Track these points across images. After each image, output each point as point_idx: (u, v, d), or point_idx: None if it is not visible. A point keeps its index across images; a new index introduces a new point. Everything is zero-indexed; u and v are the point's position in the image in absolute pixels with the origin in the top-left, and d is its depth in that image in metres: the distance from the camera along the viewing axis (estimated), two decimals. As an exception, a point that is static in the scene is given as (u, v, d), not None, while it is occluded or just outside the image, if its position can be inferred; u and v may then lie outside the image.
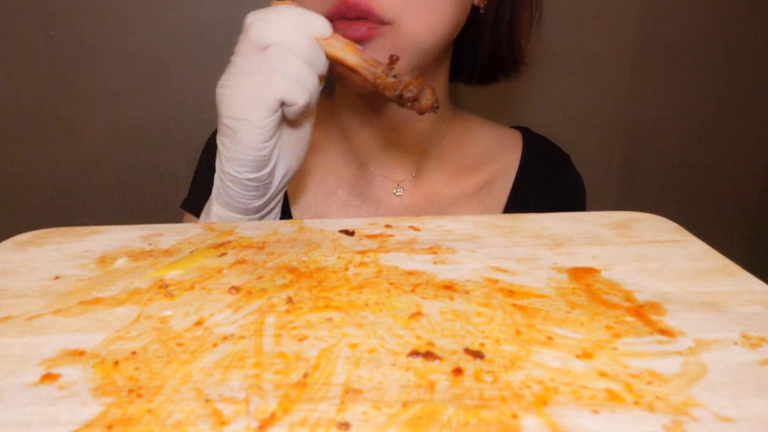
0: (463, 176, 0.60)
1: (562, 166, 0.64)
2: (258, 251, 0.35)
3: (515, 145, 0.63)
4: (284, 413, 0.21)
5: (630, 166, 0.87)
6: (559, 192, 0.62)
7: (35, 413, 0.21)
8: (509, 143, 0.63)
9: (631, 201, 0.89)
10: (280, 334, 0.26)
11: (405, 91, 0.39)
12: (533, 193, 0.61)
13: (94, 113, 0.76)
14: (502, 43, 0.57)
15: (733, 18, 0.82)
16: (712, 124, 0.87)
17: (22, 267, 0.33)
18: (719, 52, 0.83)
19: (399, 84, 0.39)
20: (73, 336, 0.26)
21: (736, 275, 0.31)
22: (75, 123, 0.76)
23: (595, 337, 0.26)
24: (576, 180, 0.64)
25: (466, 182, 0.60)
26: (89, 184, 0.79)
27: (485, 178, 0.61)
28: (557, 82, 0.81)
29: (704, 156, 0.88)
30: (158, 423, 0.20)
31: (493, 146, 0.62)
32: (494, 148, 0.62)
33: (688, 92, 0.85)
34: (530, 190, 0.61)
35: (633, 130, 0.86)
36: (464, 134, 0.61)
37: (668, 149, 0.88)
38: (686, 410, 0.21)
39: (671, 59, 0.82)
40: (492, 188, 0.61)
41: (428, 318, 0.27)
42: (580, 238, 0.36)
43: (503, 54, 0.58)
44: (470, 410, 0.21)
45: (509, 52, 0.58)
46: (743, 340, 0.25)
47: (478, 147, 0.62)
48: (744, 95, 0.86)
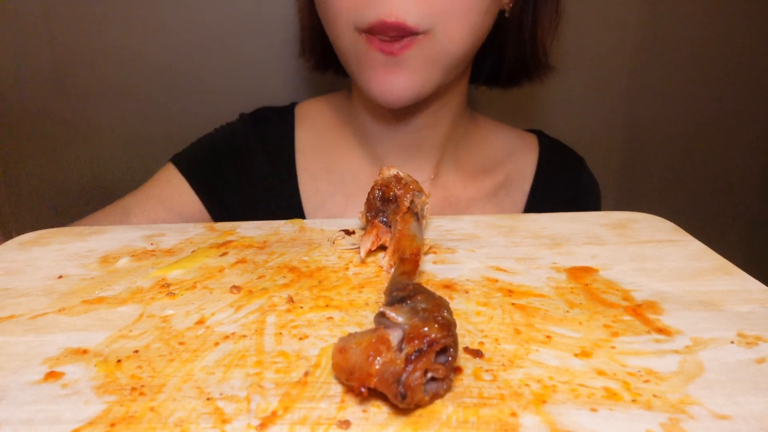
0: (479, 178, 0.60)
1: (578, 169, 0.64)
2: (259, 251, 0.35)
3: (531, 148, 0.63)
4: (285, 411, 0.21)
5: (628, 167, 0.88)
6: (575, 194, 0.63)
7: (39, 411, 0.21)
8: (525, 146, 0.63)
9: (630, 201, 0.89)
10: (280, 333, 0.26)
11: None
12: (550, 195, 0.61)
13: (98, 115, 0.76)
14: (526, 47, 0.57)
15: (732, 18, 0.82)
16: (710, 125, 0.87)
17: (26, 266, 0.34)
18: (718, 53, 0.83)
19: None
20: (77, 335, 0.26)
21: (732, 275, 0.31)
22: (79, 125, 0.76)
23: (593, 336, 0.26)
24: (592, 182, 0.65)
25: (482, 184, 0.60)
26: (93, 185, 0.79)
27: (501, 180, 0.61)
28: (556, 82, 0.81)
29: (702, 156, 0.89)
30: (160, 421, 0.21)
31: (509, 149, 0.62)
32: (510, 151, 0.62)
33: (687, 93, 0.85)
34: (547, 192, 0.61)
35: (631, 130, 0.86)
36: (480, 137, 0.61)
37: (666, 150, 0.88)
38: (683, 408, 0.21)
39: (670, 60, 0.83)
40: (509, 190, 0.61)
41: (428, 317, 0.27)
42: (578, 237, 0.37)
43: (527, 57, 0.58)
44: (469, 408, 0.21)
45: (533, 55, 0.57)
46: (740, 339, 0.25)
47: (494, 149, 0.62)
48: (743, 96, 0.86)
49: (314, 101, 0.63)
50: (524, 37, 0.56)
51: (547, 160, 0.62)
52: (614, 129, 0.86)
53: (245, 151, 0.59)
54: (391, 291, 0.25)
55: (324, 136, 0.60)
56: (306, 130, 0.60)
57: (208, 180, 0.58)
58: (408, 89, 0.47)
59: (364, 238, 0.35)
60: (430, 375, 0.21)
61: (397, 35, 0.44)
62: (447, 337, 0.21)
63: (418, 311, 0.22)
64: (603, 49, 0.81)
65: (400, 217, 0.33)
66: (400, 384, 0.20)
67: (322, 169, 0.59)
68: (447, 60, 0.47)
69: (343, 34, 0.48)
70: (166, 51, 0.74)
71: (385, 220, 0.35)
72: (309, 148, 0.59)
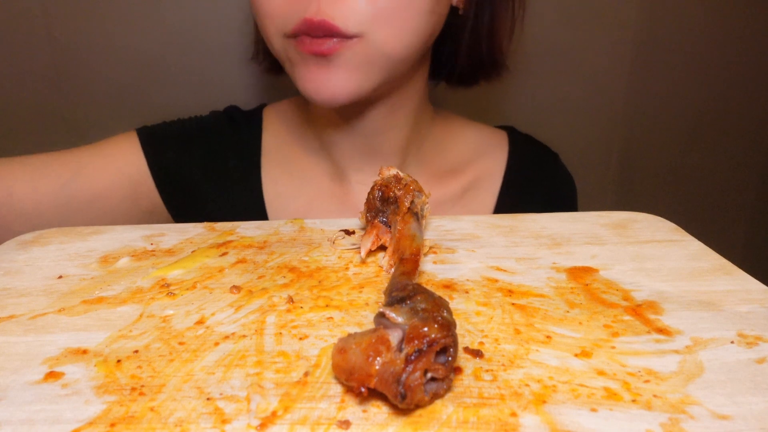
0: (445, 180, 0.58)
1: (551, 165, 0.62)
2: (259, 251, 0.35)
3: (501, 146, 0.61)
4: (285, 411, 0.21)
5: (628, 167, 0.88)
6: (548, 191, 0.61)
7: (39, 411, 0.21)
8: (494, 144, 0.61)
9: (629, 201, 0.89)
10: (280, 333, 0.26)
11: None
12: (522, 194, 0.59)
13: (97, 114, 0.76)
14: (481, 45, 0.55)
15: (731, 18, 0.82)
16: (709, 125, 0.87)
17: (26, 266, 0.34)
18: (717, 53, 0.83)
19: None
20: (77, 335, 0.26)
21: (732, 275, 0.31)
22: (78, 124, 0.76)
23: (593, 336, 0.26)
24: (565, 178, 0.63)
25: (449, 186, 0.58)
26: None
27: (469, 180, 0.59)
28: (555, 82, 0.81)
29: (702, 156, 0.89)
30: (160, 421, 0.21)
31: (477, 147, 0.61)
32: (478, 150, 0.61)
33: (686, 93, 0.85)
34: (519, 191, 0.60)
35: (631, 130, 0.86)
36: (446, 137, 0.60)
37: (666, 149, 0.88)
38: (683, 408, 0.21)
39: (669, 60, 0.83)
40: (478, 191, 0.59)
41: (428, 317, 0.27)
42: (578, 237, 0.37)
43: (483, 56, 0.56)
44: (469, 409, 0.21)
45: (489, 54, 0.56)
46: (739, 339, 0.25)
47: (460, 149, 0.60)
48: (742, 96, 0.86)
49: (281, 104, 0.62)
50: (480, 36, 0.55)
51: (518, 158, 0.61)
52: (614, 129, 0.86)
53: (216, 144, 0.58)
54: (390, 291, 0.25)
55: (286, 140, 0.59)
56: (271, 133, 0.59)
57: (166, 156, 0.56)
58: (343, 88, 0.45)
59: (364, 238, 0.35)
60: (430, 375, 0.21)
61: (323, 35, 0.43)
62: (447, 337, 0.21)
63: (418, 311, 0.22)
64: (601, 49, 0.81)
65: (400, 218, 0.33)
66: (400, 384, 0.20)
67: (283, 172, 0.58)
68: (384, 62, 0.46)
69: (273, 39, 0.47)
70: (165, 50, 0.74)
71: (385, 221, 0.35)
72: (272, 151, 0.59)
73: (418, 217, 0.34)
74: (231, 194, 0.57)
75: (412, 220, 0.33)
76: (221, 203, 0.57)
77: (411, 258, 0.29)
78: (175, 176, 0.56)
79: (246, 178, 0.57)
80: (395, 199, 0.34)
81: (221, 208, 0.57)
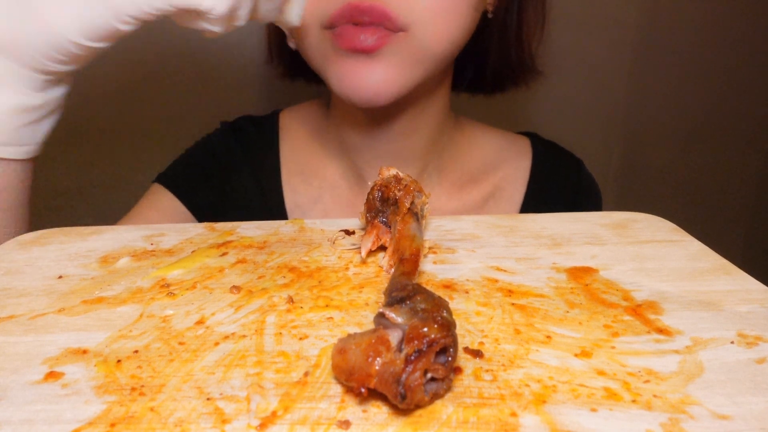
0: (466, 189, 0.57)
1: (575, 172, 0.61)
2: (259, 251, 0.35)
3: (524, 153, 0.60)
4: (285, 411, 0.21)
5: (628, 167, 0.88)
6: (573, 198, 0.59)
7: (39, 411, 0.21)
8: (517, 151, 0.60)
9: (629, 201, 0.90)
10: (280, 333, 0.26)
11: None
12: (546, 201, 0.58)
13: (97, 114, 0.76)
14: (511, 50, 0.54)
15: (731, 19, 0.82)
16: (709, 125, 0.87)
17: (26, 266, 0.34)
18: (717, 53, 0.83)
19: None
20: (77, 335, 0.26)
21: (732, 275, 0.31)
22: (78, 123, 0.76)
23: (593, 336, 0.26)
24: (591, 186, 0.61)
25: (469, 195, 0.57)
26: (92, 184, 0.79)
27: (490, 189, 0.58)
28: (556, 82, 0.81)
29: (702, 156, 0.89)
30: (160, 421, 0.21)
31: (499, 155, 0.59)
32: (500, 157, 0.59)
33: (686, 93, 0.85)
34: (543, 199, 0.58)
35: (631, 130, 0.86)
36: (467, 144, 0.58)
37: (666, 150, 0.88)
38: (683, 408, 0.21)
39: (669, 60, 0.83)
40: (500, 200, 0.57)
41: (428, 317, 0.27)
42: (578, 237, 0.37)
43: (513, 61, 0.55)
44: (469, 409, 0.21)
45: (519, 58, 0.54)
46: (739, 339, 0.25)
47: (482, 157, 0.58)
48: (741, 96, 0.86)
49: (297, 109, 0.61)
50: (509, 39, 0.53)
51: (542, 166, 0.59)
52: (614, 129, 0.86)
53: (228, 163, 0.57)
54: (390, 291, 0.25)
55: (303, 147, 0.58)
56: (288, 140, 0.58)
57: (195, 194, 0.56)
58: (387, 86, 0.42)
59: (364, 239, 0.35)
60: (430, 375, 0.21)
61: (371, 21, 0.40)
62: (447, 338, 0.21)
63: (418, 311, 0.22)
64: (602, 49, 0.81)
65: (400, 218, 0.33)
66: (400, 384, 0.20)
67: (301, 181, 0.57)
68: (428, 59, 0.44)
69: (311, 30, 0.43)
70: (166, 51, 0.74)
71: (385, 221, 0.35)
72: (291, 159, 0.57)
73: (418, 218, 0.34)
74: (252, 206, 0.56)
75: (412, 221, 0.33)
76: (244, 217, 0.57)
77: (411, 258, 0.29)
78: (208, 211, 0.56)
79: (264, 188, 0.56)
80: (395, 200, 0.34)
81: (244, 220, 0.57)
